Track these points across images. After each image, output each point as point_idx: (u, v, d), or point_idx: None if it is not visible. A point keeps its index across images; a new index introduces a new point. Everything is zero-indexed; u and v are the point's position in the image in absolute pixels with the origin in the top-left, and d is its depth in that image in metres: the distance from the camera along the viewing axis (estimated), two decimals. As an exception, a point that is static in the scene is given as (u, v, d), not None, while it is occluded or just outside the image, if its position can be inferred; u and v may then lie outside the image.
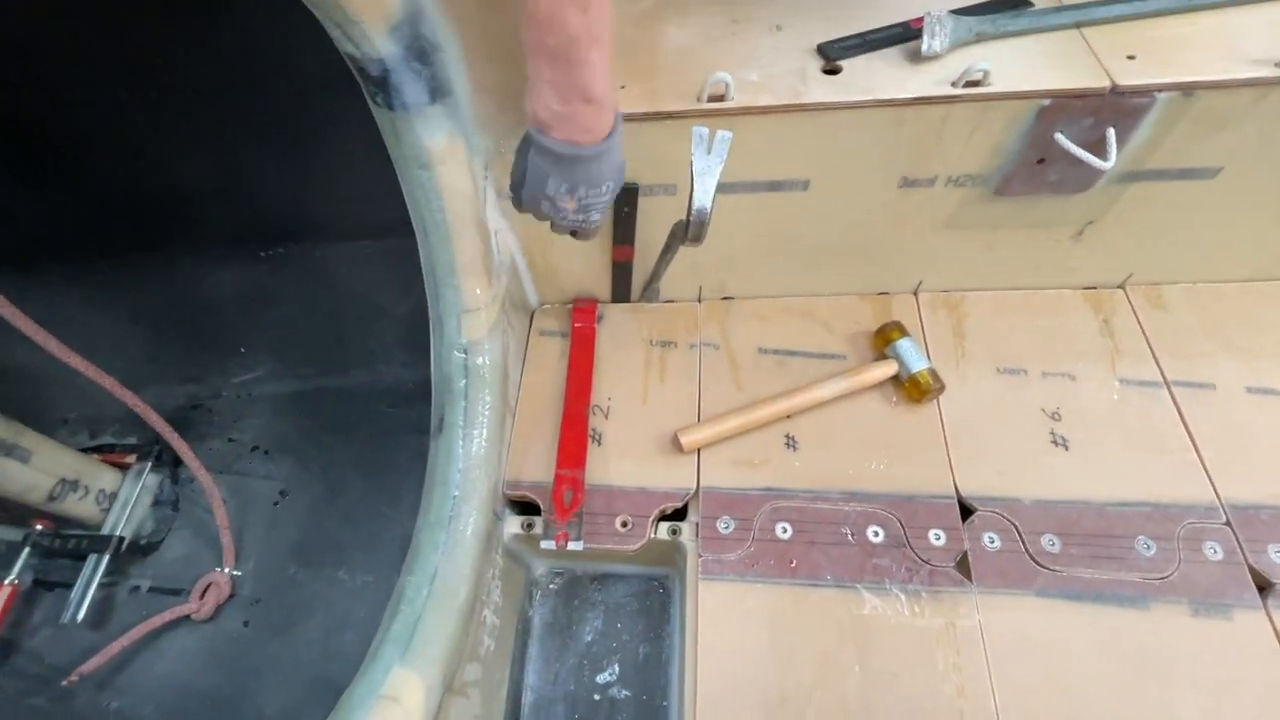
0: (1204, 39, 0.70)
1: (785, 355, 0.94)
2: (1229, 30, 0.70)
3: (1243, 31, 0.70)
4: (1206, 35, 0.70)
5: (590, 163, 0.56)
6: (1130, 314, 0.93)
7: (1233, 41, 0.69)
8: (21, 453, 0.89)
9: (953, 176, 0.78)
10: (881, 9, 0.77)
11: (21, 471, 0.89)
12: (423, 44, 0.62)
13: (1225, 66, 0.67)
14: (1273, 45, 0.67)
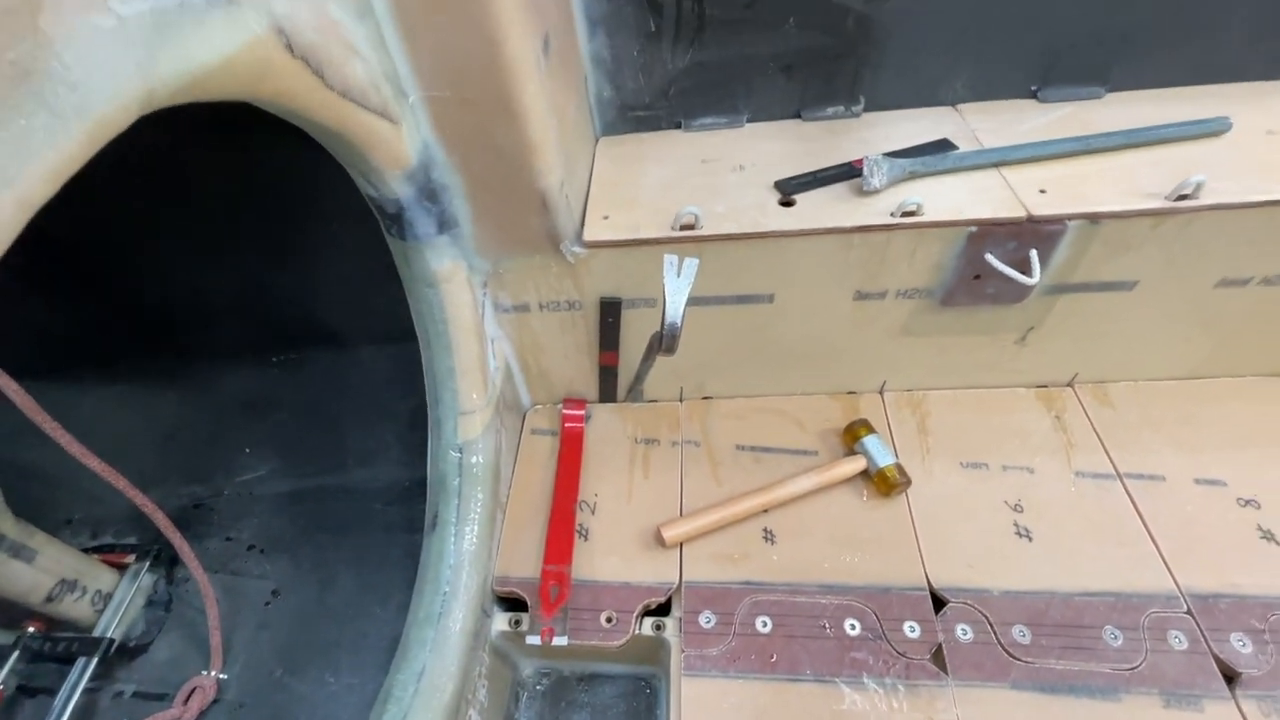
0: (1103, 176, 0.82)
1: (761, 452, 1.00)
2: (1122, 168, 0.83)
3: (1134, 170, 0.82)
4: (1105, 173, 0.82)
5: None
6: (1080, 410, 1.00)
7: (1127, 178, 0.81)
8: (29, 553, 0.92)
9: (901, 290, 0.87)
10: (829, 152, 0.90)
11: (26, 572, 0.92)
12: (433, 187, 0.72)
13: (1123, 199, 0.79)
14: (1160, 181, 0.79)
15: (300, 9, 0.47)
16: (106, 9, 0.31)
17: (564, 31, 0.81)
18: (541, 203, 0.75)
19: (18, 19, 0.27)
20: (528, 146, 0.68)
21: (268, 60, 0.44)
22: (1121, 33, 0.89)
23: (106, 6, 0.31)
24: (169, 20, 0.35)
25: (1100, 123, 0.89)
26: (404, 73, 0.62)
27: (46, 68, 0.28)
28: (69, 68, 0.29)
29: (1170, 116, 0.87)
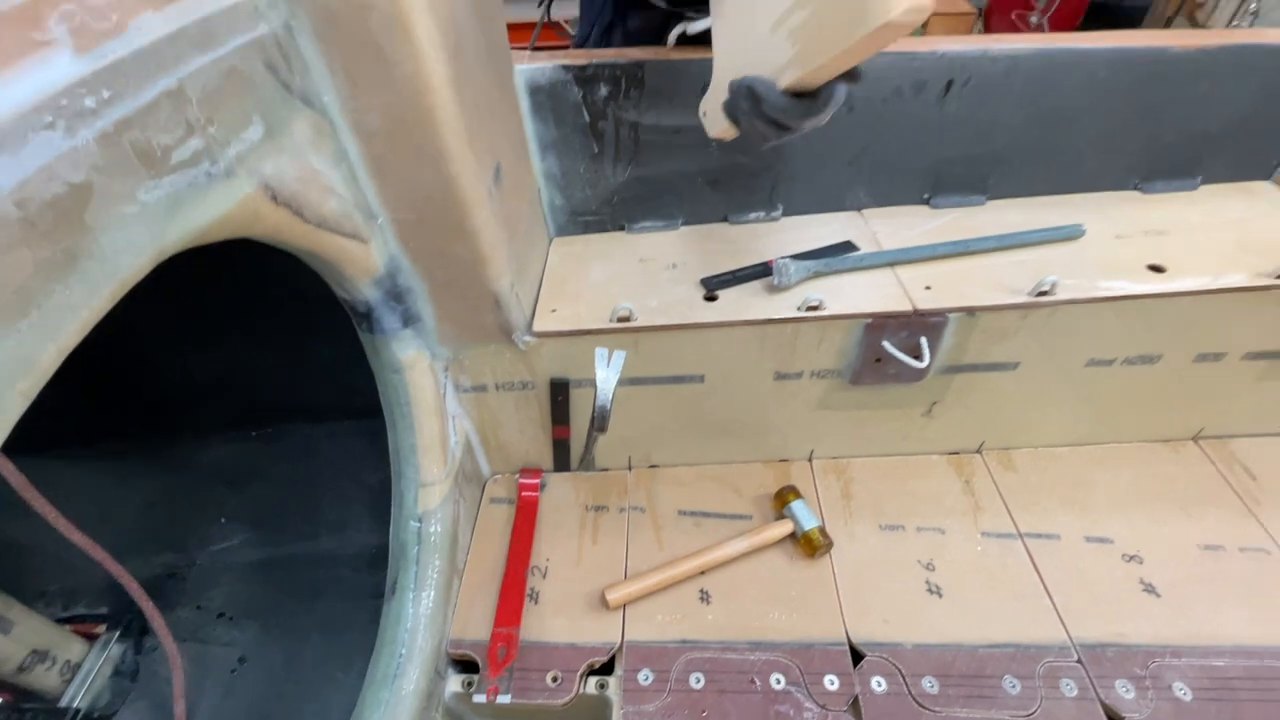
0: (978, 274, 0.96)
1: (702, 516, 1.09)
2: (995, 268, 0.97)
3: (1004, 269, 0.96)
4: (980, 271, 0.96)
5: None
6: (987, 475, 1.11)
7: (998, 276, 0.95)
8: (6, 624, 0.97)
9: (815, 371, 0.99)
10: (750, 252, 1.03)
11: (1, 643, 0.96)
12: (399, 290, 0.84)
13: (994, 295, 0.92)
14: (1025, 279, 0.93)
15: (285, 166, 0.59)
16: (135, 200, 0.42)
17: (517, 157, 0.95)
18: (495, 302, 0.87)
19: (71, 217, 0.38)
20: (481, 258, 0.80)
21: (256, 211, 0.55)
22: (995, 154, 1.05)
23: (135, 198, 0.42)
24: (180, 197, 0.46)
25: (981, 226, 1.04)
26: (373, 201, 0.74)
27: (88, 250, 0.39)
28: (103, 247, 0.40)
29: (1037, 222, 1.02)
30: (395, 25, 0.58)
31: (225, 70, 0.51)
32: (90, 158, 0.38)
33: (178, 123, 0.45)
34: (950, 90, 0.97)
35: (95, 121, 0.39)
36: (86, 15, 0.40)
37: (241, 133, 0.53)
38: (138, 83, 0.42)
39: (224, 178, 0.50)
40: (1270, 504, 1.04)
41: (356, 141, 0.68)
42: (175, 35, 0.46)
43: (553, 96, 0.96)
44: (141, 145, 0.42)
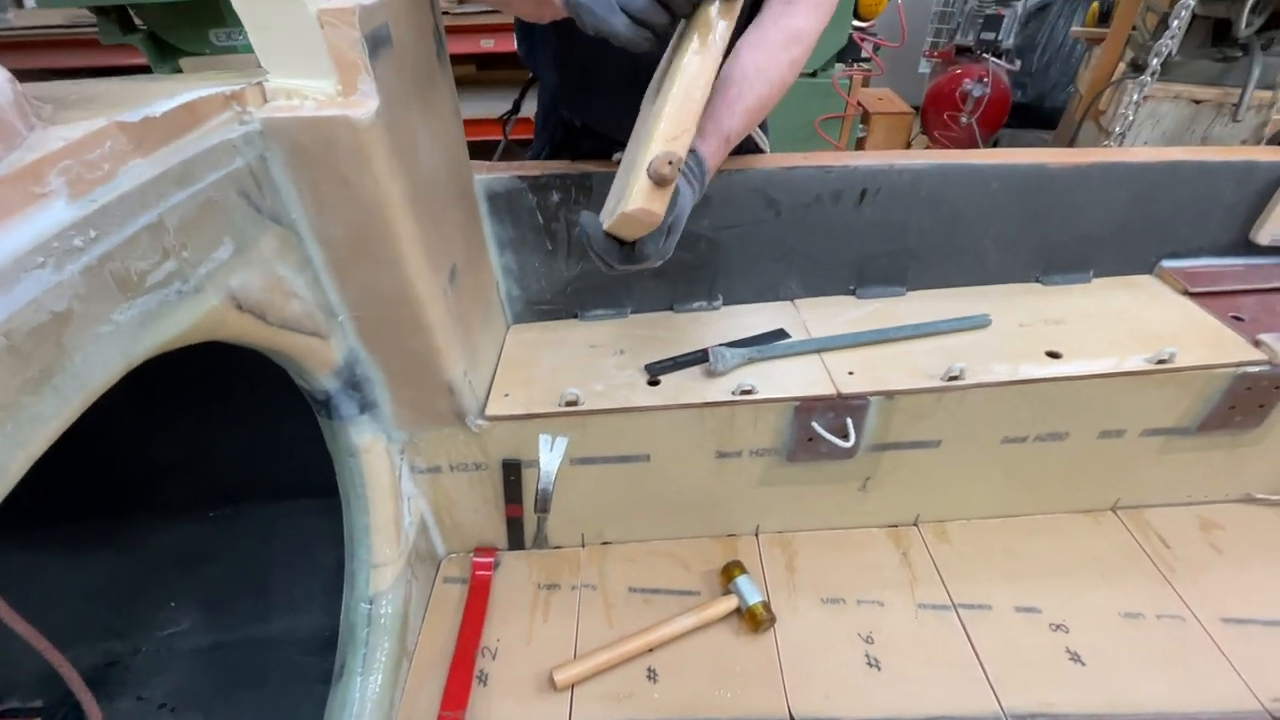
0: (896, 360, 1.05)
1: (651, 593, 1.11)
2: (911, 353, 1.06)
3: (918, 355, 1.06)
4: (898, 358, 1.06)
5: None
6: (923, 547, 1.16)
7: (914, 362, 1.04)
8: (-66, 720, 0.94)
9: (753, 450, 1.06)
10: (692, 338, 1.12)
11: (-74, 741, 0.93)
12: (356, 379, 0.90)
13: (910, 380, 1.01)
14: (938, 365, 1.02)
15: (251, 278, 0.66)
16: (109, 320, 0.48)
17: (476, 255, 1.03)
18: (448, 389, 0.93)
19: (51, 341, 0.44)
20: (435, 351, 0.87)
21: (222, 320, 0.62)
22: (910, 251, 1.17)
23: (110, 319, 0.49)
24: (151, 314, 0.53)
25: (901, 315, 1.14)
26: (334, 301, 0.81)
27: (62, 368, 0.45)
28: (76, 365, 0.46)
29: (951, 311, 1.13)
30: (358, 157, 0.67)
31: (202, 201, 0.58)
32: (74, 289, 0.45)
33: (155, 250, 0.52)
34: (865, 198, 1.10)
35: (81, 257, 0.45)
36: (82, 168, 0.47)
37: (213, 253, 0.60)
38: (122, 221, 0.49)
39: (193, 294, 0.57)
40: (1183, 571, 1.11)
41: (320, 249, 0.75)
42: (159, 177, 0.53)
43: (509, 202, 1.06)
44: (120, 273, 0.49)
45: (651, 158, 0.60)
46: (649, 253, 0.69)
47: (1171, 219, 1.17)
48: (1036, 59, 3.76)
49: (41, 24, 2.52)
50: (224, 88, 0.63)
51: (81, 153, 0.47)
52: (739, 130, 0.82)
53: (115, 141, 0.50)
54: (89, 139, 0.48)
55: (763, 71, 0.81)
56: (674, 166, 0.60)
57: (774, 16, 0.84)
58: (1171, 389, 1.04)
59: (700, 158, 0.77)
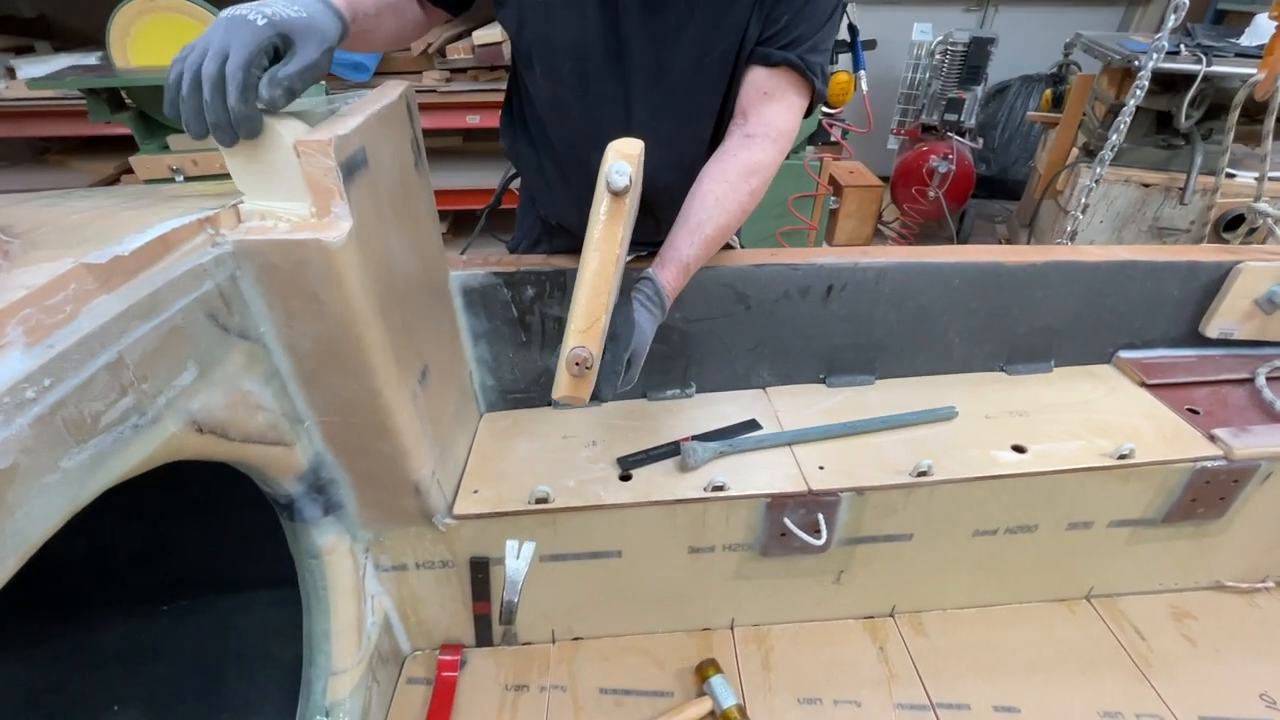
0: (866, 453, 1.06)
1: (622, 694, 1.08)
2: (880, 446, 1.07)
3: (888, 448, 1.07)
4: (867, 450, 1.07)
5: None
6: (900, 640, 1.15)
7: (883, 456, 1.05)
8: None
9: (726, 545, 1.05)
10: (666, 429, 1.12)
11: None
12: (321, 482, 0.88)
13: (879, 475, 1.02)
14: (907, 458, 1.03)
15: (214, 397, 0.66)
16: (57, 469, 0.47)
17: (449, 349, 1.04)
18: (415, 489, 0.91)
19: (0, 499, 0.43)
20: (402, 452, 0.86)
21: (180, 445, 0.61)
22: (877, 343, 1.20)
23: (58, 467, 0.48)
24: (103, 455, 0.52)
25: (871, 404, 1.16)
26: (301, 408, 0.80)
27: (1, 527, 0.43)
28: (17, 521, 0.44)
29: (920, 400, 1.15)
30: (329, 276, 0.68)
31: (167, 330, 0.58)
32: (21, 442, 0.44)
33: (112, 389, 0.52)
34: (831, 293, 1.13)
35: (32, 408, 0.45)
36: (42, 314, 0.47)
37: (174, 380, 0.59)
38: (79, 364, 0.49)
39: (150, 425, 0.56)
40: (1159, 665, 1.10)
41: (289, 360, 0.75)
42: (123, 314, 0.53)
43: (484, 296, 1.07)
44: (73, 418, 0.48)
45: (567, 352, 0.68)
46: (608, 394, 0.72)
47: (1125, 313, 1.22)
48: (998, 136, 3.97)
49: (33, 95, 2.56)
50: (198, 214, 0.64)
51: (43, 299, 0.47)
52: (698, 257, 0.85)
53: (80, 283, 0.51)
54: (53, 284, 0.48)
55: (722, 202, 0.85)
56: (582, 365, 0.68)
57: (734, 150, 0.88)
58: (1134, 483, 1.05)
59: (658, 285, 0.79)
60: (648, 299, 0.79)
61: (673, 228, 0.86)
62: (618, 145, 0.68)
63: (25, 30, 2.92)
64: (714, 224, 0.84)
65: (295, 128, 0.65)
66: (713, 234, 0.84)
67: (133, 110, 2.01)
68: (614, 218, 0.68)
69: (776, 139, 0.88)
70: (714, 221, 0.84)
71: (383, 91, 0.83)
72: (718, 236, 0.85)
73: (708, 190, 0.85)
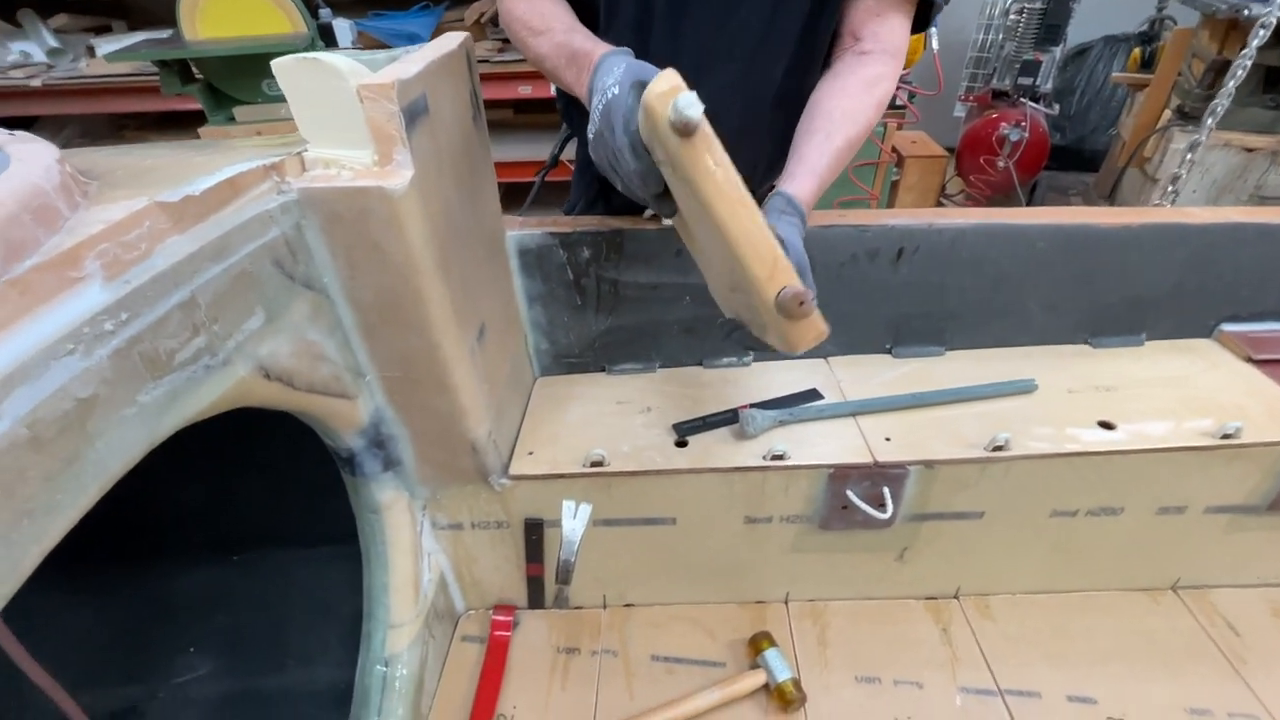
0: (936, 426, 1.00)
1: (674, 663, 1.07)
2: (951, 419, 1.01)
3: (959, 421, 1.01)
4: (938, 423, 1.01)
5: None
6: (965, 623, 1.09)
7: (955, 429, 0.99)
8: (-49, 769, 0.94)
9: (785, 516, 1.02)
10: (722, 397, 1.09)
11: (-58, 790, 0.93)
12: (381, 437, 0.89)
13: (951, 448, 0.96)
14: (981, 432, 0.97)
15: (281, 344, 0.66)
16: (134, 403, 0.48)
17: (505, 310, 1.03)
18: (472, 449, 0.91)
19: (74, 429, 0.43)
20: (460, 410, 0.86)
21: (248, 390, 0.61)
22: (949, 311, 1.13)
23: (135, 401, 0.48)
24: (177, 392, 0.52)
25: (940, 376, 1.10)
26: (363, 361, 0.80)
27: (84, 455, 0.44)
28: (98, 451, 0.45)
29: (993, 373, 1.08)
30: (391, 225, 0.67)
31: (236, 274, 0.58)
32: (101, 374, 0.44)
33: (186, 328, 0.52)
34: (901, 257, 1.07)
35: (111, 341, 0.45)
36: (119, 249, 0.48)
37: (244, 324, 0.60)
38: (154, 300, 0.49)
39: (221, 367, 0.56)
40: (1256, 663, 1.02)
41: (351, 313, 0.75)
42: (195, 254, 0.53)
43: (540, 258, 1.06)
44: (149, 354, 0.49)
45: (772, 300, 0.60)
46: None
47: (1233, 282, 1.11)
48: (1075, 102, 3.71)
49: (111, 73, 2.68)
50: (265, 160, 0.64)
51: (120, 234, 0.48)
52: (830, 168, 0.79)
53: (154, 221, 0.51)
54: (128, 220, 0.49)
55: (849, 115, 0.81)
56: (806, 299, 0.59)
57: (850, 67, 0.85)
58: (1239, 465, 0.97)
59: (788, 195, 0.74)
60: (783, 211, 0.72)
61: (795, 144, 0.81)
62: (657, 87, 0.57)
63: (103, 11, 3.04)
64: (843, 135, 0.79)
65: (359, 72, 0.64)
66: (842, 145, 0.80)
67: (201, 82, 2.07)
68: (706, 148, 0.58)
69: (894, 54, 0.85)
70: (843, 133, 0.79)
71: (442, 42, 0.81)
72: (847, 149, 0.81)
73: (832, 105, 0.81)
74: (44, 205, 0.46)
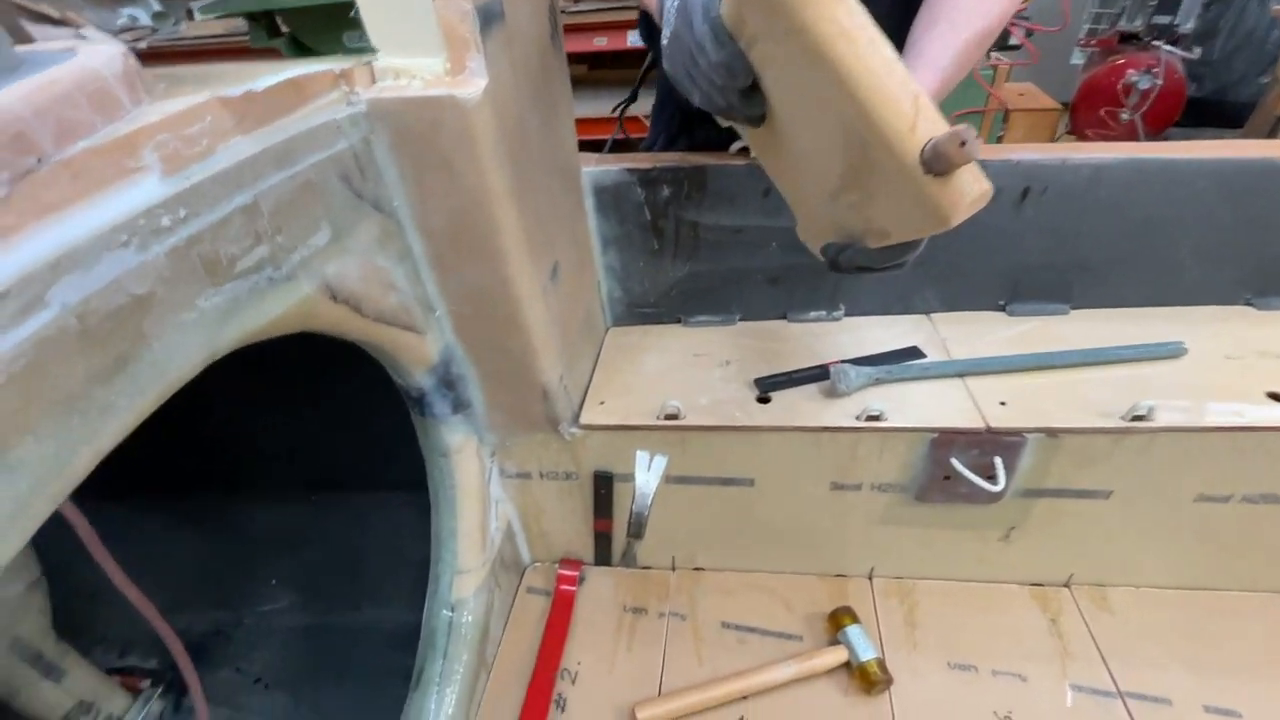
0: (1061, 391, 0.88)
1: (746, 632, 1.00)
2: (1080, 384, 0.88)
3: (1092, 387, 0.88)
4: (1064, 388, 0.88)
5: None
6: (1077, 614, 0.98)
7: (1085, 395, 0.87)
8: (58, 673, 1.00)
9: (876, 484, 0.92)
10: (808, 353, 1.00)
11: (51, 692, 1.00)
12: (451, 377, 0.86)
13: (1080, 417, 0.84)
14: (1116, 400, 0.84)
15: (348, 266, 0.63)
16: (194, 307, 0.45)
17: (579, 253, 0.97)
18: (543, 393, 0.87)
19: (129, 325, 0.41)
20: (531, 351, 0.81)
21: (314, 310, 0.58)
22: (1080, 262, 0.99)
23: (194, 305, 0.45)
24: (238, 302, 0.49)
25: (1064, 338, 0.96)
26: (433, 294, 0.77)
27: (139, 356, 0.41)
28: (155, 353, 0.42)
29: (1130, 336, 0.94)
30: (463, 140, 0.62)
31: (301, 184, 0.54)
32: (158, 271, 0.41)
33: (247, 234, 0.49)
34: (1027, 197, 0.93)
35: (168, 238, 0.42)
36: (179, 143, 0.44)
37: (308, 239, 0.56)
38: (215, 201, 0.46)
39: (285, 281, 0.53)
40: None
41: (421, 241, 0.71)
42: (258, 155, 0.50)
43: (616, 197, 0.99)
44: (209, 257, 0.45)
45: (922, 166, 0.48)
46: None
47: None
48: (1219, 45, 3.25)
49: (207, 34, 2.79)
50: (333, 65, 0.60)
51: (180, 127, 0.44)
52: (954, 64, 0.67)
53: (216, 117, 0.47)
54: (188, 113, 0.45)
55: (976, 6, 0.68)
56: (954, 137, 0.45)
57: None
58: None
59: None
60: None
61: (912, 37, 0.70)
62: None
63: (201, -25, 3.15)
64: (970, 28, 0.67)
65: (431, -33, 0.58)
66: (970, 39, 0.67)
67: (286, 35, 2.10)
68: None
69: None
70: (970, 26, 0.67)
71: (521, -53, 0.74)
72: (975, 44, 0.68)
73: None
74: (102, 91, 0.42)
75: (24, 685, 0.96)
